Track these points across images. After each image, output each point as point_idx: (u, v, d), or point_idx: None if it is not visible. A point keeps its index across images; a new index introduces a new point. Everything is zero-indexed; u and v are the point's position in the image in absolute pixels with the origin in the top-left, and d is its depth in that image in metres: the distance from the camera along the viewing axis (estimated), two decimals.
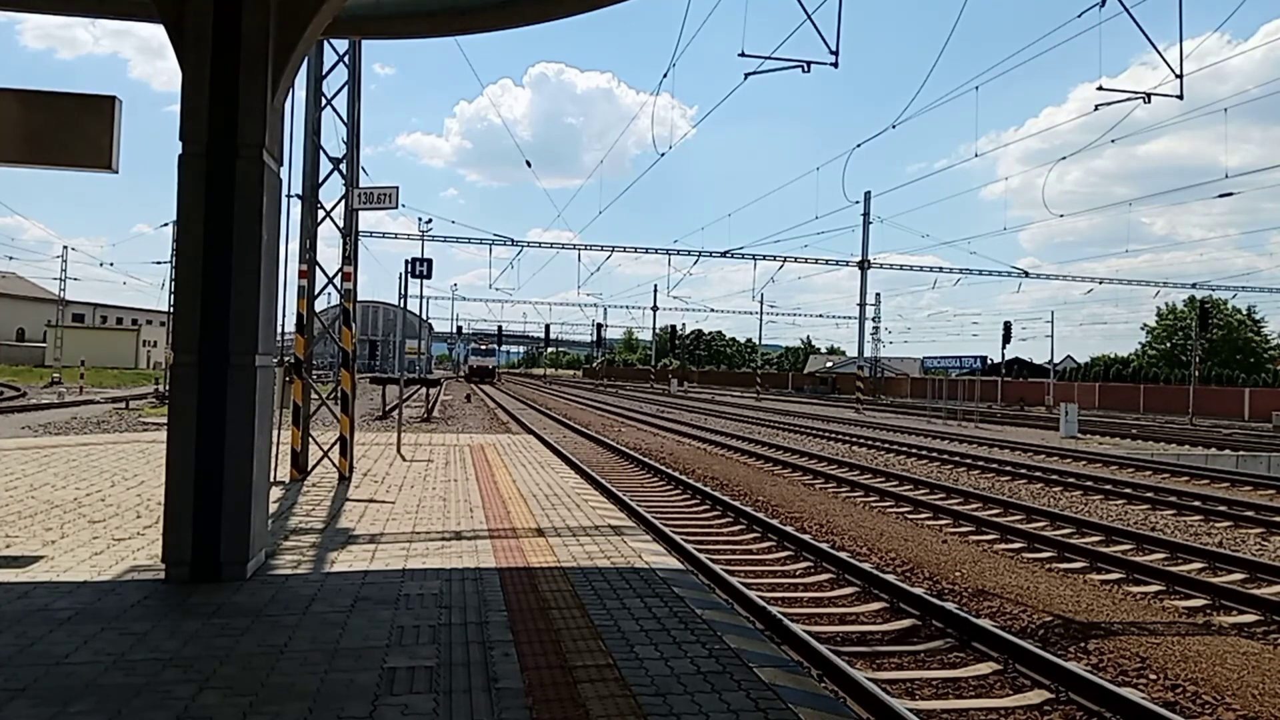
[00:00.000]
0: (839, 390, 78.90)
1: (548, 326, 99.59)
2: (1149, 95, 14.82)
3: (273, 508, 8.44)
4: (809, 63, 12.92)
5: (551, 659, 4.56)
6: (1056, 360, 59.05)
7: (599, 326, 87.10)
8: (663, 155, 60.60)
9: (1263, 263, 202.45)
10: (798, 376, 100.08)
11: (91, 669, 4.23)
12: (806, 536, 10.10)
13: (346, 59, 11.86)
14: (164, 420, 8.26)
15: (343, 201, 11.74)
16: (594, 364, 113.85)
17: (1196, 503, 14.04)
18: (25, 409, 28.03)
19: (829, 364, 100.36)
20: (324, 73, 11.77)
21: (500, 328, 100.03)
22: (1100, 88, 15.57)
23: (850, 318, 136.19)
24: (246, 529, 6.03)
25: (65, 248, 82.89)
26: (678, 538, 9.78)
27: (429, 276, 15.71)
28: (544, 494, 10.36)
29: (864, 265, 47.08)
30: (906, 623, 7.06)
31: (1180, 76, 13.62)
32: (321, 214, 11.71)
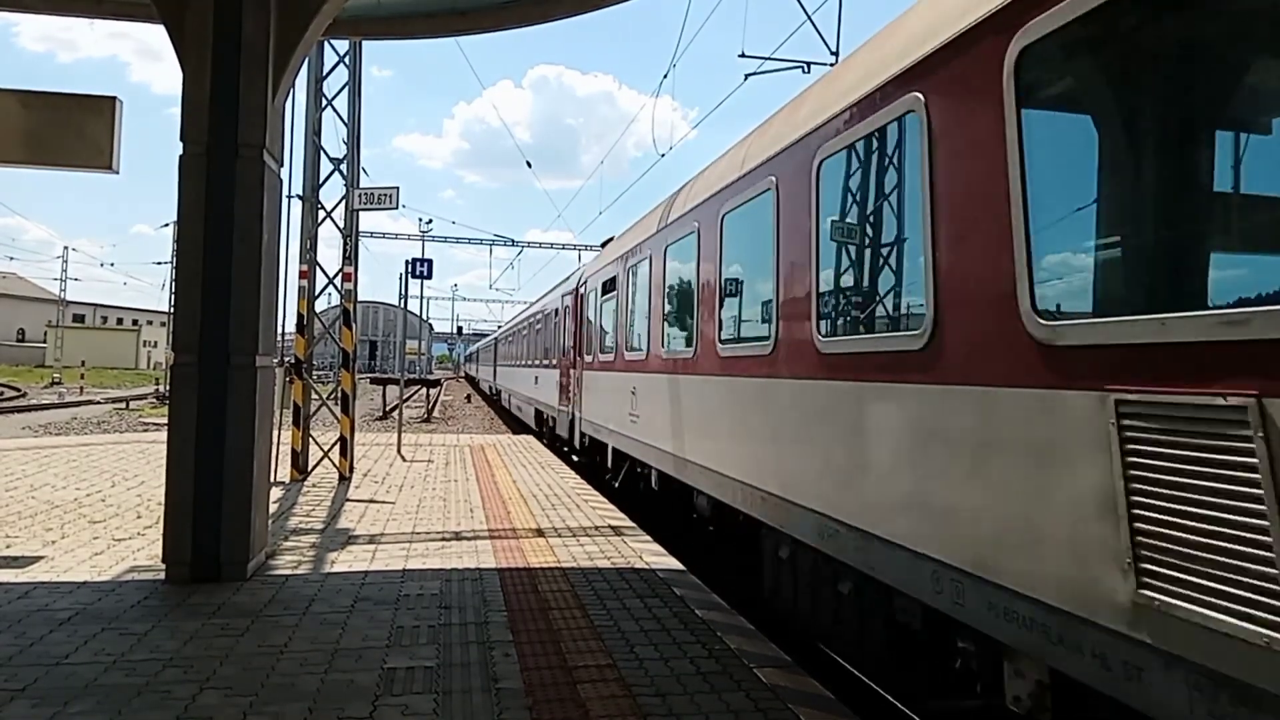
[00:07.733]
0: None
1: None
2: None
3: (273, 508, 8.44)
4: (809, 63, 12.91)
5: (551, 659, 4.56)
6: None
7: None
8: (663, 156, 60.20)
9: None
10: None
11: (91, 669, 4.23)
12: None
13: (347, 59, 11.88)
14: (164, 420, 8.26)
15: (343, 202, 11.76)
16: None
17: None
18: (26, 409, 28.06)
19: None
20: (324, 73, 11.79)
21: None
22: None
23: None
24: (246, 529, 6.04)
25: (66, 248, 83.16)
26: None
27: (429, 277, 15.65)
28: (544, 494, 10.35)
29: None
30: None
31: None
32: (322, 214, 11.72)
